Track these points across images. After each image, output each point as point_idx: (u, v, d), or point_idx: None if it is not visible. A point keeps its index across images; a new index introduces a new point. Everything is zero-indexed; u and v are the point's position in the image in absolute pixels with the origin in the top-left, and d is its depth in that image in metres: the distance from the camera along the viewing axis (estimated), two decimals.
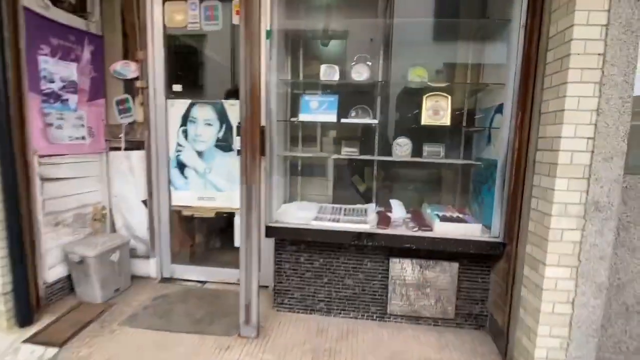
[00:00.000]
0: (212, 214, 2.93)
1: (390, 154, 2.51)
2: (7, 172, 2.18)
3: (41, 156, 2.39)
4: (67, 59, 2.55)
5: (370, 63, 2.38)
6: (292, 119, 2.56)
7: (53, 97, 2.46)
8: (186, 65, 2.97)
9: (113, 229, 3.03)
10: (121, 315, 2.47)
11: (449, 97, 2.36)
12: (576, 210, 1.66)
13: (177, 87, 2.85)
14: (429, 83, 2.39)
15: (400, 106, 2.68)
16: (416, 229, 2.20)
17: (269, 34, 2.10)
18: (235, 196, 2.79)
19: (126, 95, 2.87)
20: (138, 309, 2.54)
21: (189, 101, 2.82)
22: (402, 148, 2.48)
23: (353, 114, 2.44)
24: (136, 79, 2.80)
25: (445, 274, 2.30)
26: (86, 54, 2.70)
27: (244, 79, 2.01)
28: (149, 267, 3.01)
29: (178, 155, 2.89)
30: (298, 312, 2.51)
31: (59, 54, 2.48)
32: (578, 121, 1.62)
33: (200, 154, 2.86)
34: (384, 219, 2.32)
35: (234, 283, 2.93)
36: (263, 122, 2.27)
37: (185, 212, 2.99)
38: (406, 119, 2.64)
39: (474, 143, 2.61)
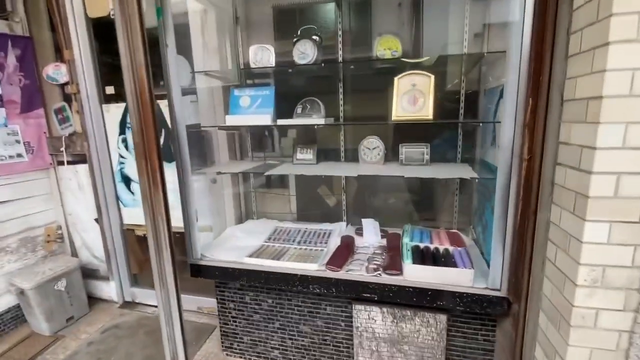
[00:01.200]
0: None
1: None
2: None
3: None
4: None
5: (317, 38, 1.70)
6: (208, 126, 1.99)
7: None
8: (117, 62, 2.53)
9: (74, 249, 2.81)
10: (64, 351, 2.24)
11: (432, 77, 1.61)
12: (623, 277, 0.92)
13: (110, 89, 2.43)
14: (402, 59, 1.65)
15: (370, 94, 1.97)
16: (379, 272, 1.57)
17: (159, 12, 1.53)
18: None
19: (63, 103, 2.53)
20: (82, 345, 2.29)
21: (123, 105, 2.39)
22: (371, 152, 1.81)
23: (299, 109, 1.81)
24: (67, 83, 2.43)
25: (428, 328, 1.65)
26: (11, 60, 2.37)
27: (128, 82, 1.49)
28: (110, 290, 2.76)
29: (121, 168, 2.51)
30: (250, 359, 2.05)
31: None
32: (630, 117, 0.86)
33: None
34: (340, 254, 1.71)
35: (193, 311, 2.56)
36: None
37: (138, 231, 2.64)
38: (378, 112, 1.93)
39: (477, 138, 1.84)
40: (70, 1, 2.27)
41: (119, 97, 2.43)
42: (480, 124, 1.76)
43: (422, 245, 1.66)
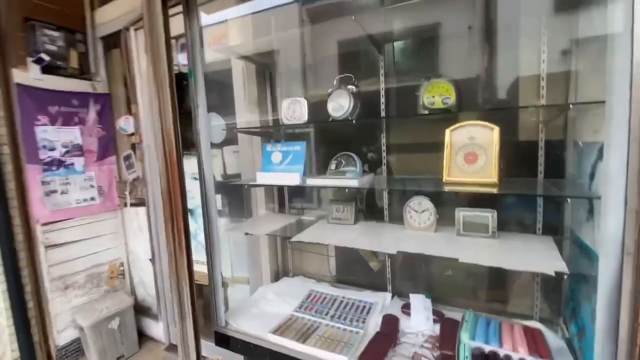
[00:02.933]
0: (206, 282, 2.51)
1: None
2: (5, 245, 2.26)
3: (44, 224, 2.43)
4: (70, 123, 2.56)
5: (353, 87, 1.51)
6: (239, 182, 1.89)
7: (55, 164, 2.50)
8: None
9: (132, 285, 2.97)
10: None
11: (495, 129, 1.27)
12: None
13: None
14: (451, 109, 1.35)
15: (418, 147, 1.67)
16: None
17: (190, 73, 1.52)
18: (226, 262, 2.31)
19: (130, 151, 2.77)
20: None
21: None
22: (419, 216, 1.50)
23: (333, 165, 1.60)
24: (133, 134, 2.65)
25: None
26: (92, 115, 2.69)
27: (159, 146, 1.49)
28: (159, 330, 2.82)
29: None
30: None
31: (59, 121, 2.50)
32: None
33: (191, 212, 2.49)
34: (379, 346, 1.40)
35: None
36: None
37: None
38: (428, 167, 1.61)
39: (566, 204, 1.39)
40: (138, 61, 2.50)
41: None
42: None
43: (487, 349, 1.25)
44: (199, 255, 2.40)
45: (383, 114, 1.64)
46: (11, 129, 2.32)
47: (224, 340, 1.65)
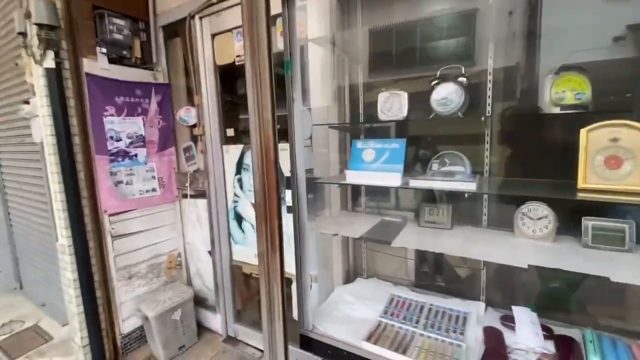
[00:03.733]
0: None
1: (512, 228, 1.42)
2: (77, 234, 2.29)
3: (111, 214, 2.45)
4: (134, 114, 2.55)
5: (464, 79, 1.36)
6: (326, 181, 1.79)
7: (121, 155, 2.49)
8: (237, 106, 2.61)
9: (189, 276, 2.99)
10: None
11: None
12: None
13: (230, 132, 2.51)
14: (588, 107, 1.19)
15: (532, 147, 1.51)
16: None
17: (287, 65, 1.42)
18: (291, 258, 2.26)
19: (190, 143, 2.73)
20: None
21: (241, 146, 2.43)
22: (534, 223, 1.36)
23: (435, 165, 1.48)
24: (195, 125, 2.61)
25: None
26: (153, 106, 2.66)
27: (255, 140, 1.41)
28: (216, 322, 2.83)
29: (235, 206, 2.56)
30: None
31: (124, 111, 2.49)
32: None
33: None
34: (493, 356, 1.29)
35: None
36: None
37: (245, 269, 2.65)
38: (545, 173, 1.45)
39: None
40: (202, 50, 2.43)
41: (237, 139, 2.50)
42: None
43: None
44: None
45: (489, 109, 1.49)
46: (82, 119, 2.33)
47: (309, 345, 1.59)
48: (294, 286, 2.31)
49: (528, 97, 1.43)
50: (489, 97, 1.48)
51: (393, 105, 1.46)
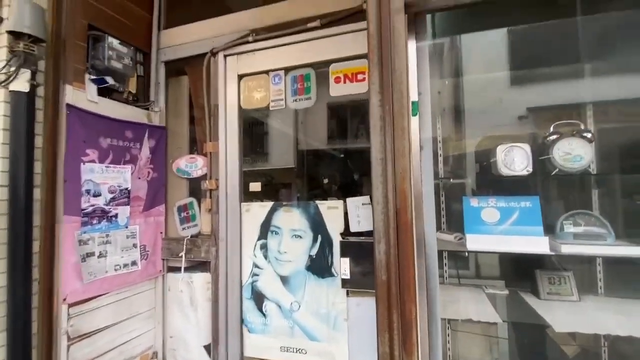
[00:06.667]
0: None
1: None
2: (17, 339, 1.45)
3: (72, 304, 1.66)
4: (121, 162, 1.94)
5: (590, 135, 1.31)
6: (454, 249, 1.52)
7: (97, 215, 1.80)
8: (263, 156, 2.24)
9: None
10: None
11: None
12: None
13: (254, 186, 2.07)
14: None
15: None
16: None
17: (415, 107, 1.19)
18: (338, 352, 1.76)
19: (190, 199, 2.16)
20: None
21: (270, 204, 1.99)
22: None
23: (568, 226, 1.32)
24: (203, 177, 2.09)
25: None
26: (145, 152, 2.09)
27: (379, 193, 1.09)
28: None
29: (254, 281, 2.00)
30: None
31: (109, 157, 1.87)
32: None
33: (284, 279, 1.93)
34: None
35: None
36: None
37: None
38: None
39: None
40: (224, 92, 2.06)
41: (264, 195, 2.06)
42: None
43: None
44: (294, 340, 1.84)
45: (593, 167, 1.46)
46: (51, 166, 1.67)
47: None
48: None
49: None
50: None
51: (515, 158, 1.32)
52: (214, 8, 2.44)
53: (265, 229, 1.99)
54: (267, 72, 2.01)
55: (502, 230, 1.29)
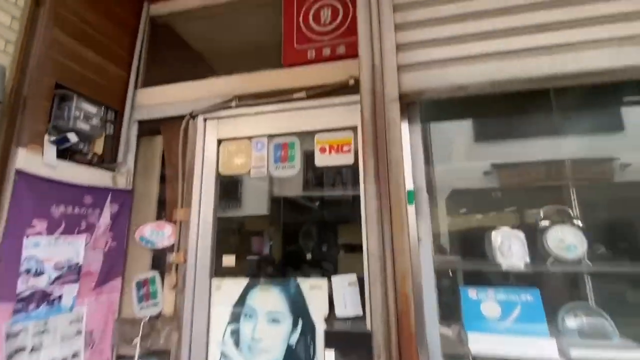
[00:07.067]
0: None
1: None
2: None
3: None
4: (74, 231, 1.69)
5: (578, 222, 1.30)
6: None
7: (35, 300, 1.51)
8: (240, 227, 2.07)
9: None
10: None
11: None
12: None
13: (228, 260, 1.87)
14: None
15: None
16: None
17: (411, 196, 1.13)
18: None
19: (153, 273, 1.91)
20: None
21: (245, 280, 1.79)
22: None
23: (570, 322, 1.24)
24: (170, 248, 1.87)
25: None
26: (105, 219, 1.86)
27: (377, 296, 0.96)
28: None
29: None
30: None
31: (61, 227, 1.63)
32: None
33: None
34: None
35: None
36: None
37: None
38: None
39: None
40: (202, 156, 1.94)
41: (238, 271, 1.86)
42: None
43: None
44: None
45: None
46: None
47: None
48: None
49: None
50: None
51: (512, 248, 1.26)
52: (195, 70, 2.42)
53: (238, 310, 1.76)
54: (249, 137, 1.93)
55: (505, 328, 1.19)
